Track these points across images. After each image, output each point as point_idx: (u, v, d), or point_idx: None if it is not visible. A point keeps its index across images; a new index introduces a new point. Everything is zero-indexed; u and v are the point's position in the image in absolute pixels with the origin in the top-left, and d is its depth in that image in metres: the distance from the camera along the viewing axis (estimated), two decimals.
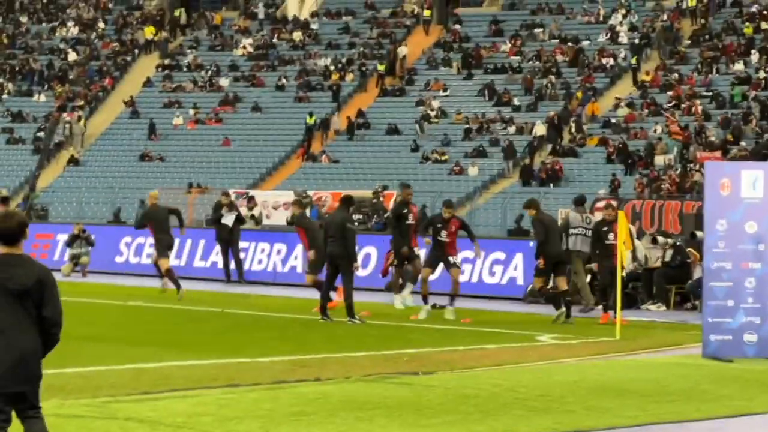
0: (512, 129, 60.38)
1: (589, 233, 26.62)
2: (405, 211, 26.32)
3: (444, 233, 25.23)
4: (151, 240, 31.73)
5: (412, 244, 26.34)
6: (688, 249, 28.65)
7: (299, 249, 33.83)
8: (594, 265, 26.19)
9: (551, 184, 54.15)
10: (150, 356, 17.58)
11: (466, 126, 61.49)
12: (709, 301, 19.45)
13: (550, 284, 25.67)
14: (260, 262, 35.61)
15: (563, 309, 24.52)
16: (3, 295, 8.80)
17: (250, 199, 46.50)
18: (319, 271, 26.97)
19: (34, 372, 8.99)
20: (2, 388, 8.80)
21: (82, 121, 67.98)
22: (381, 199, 50.33)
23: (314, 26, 74.02)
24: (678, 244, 29.71)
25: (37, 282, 8.87)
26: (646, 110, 59.27)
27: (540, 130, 58.92)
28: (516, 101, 62.78)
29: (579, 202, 29.06)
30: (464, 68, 66.92)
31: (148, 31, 75.06)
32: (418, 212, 28.17)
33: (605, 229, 25.18)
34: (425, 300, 25.24)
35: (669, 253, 29.02)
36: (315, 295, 25.08)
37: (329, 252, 24.00)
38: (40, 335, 8.95)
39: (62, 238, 38.31)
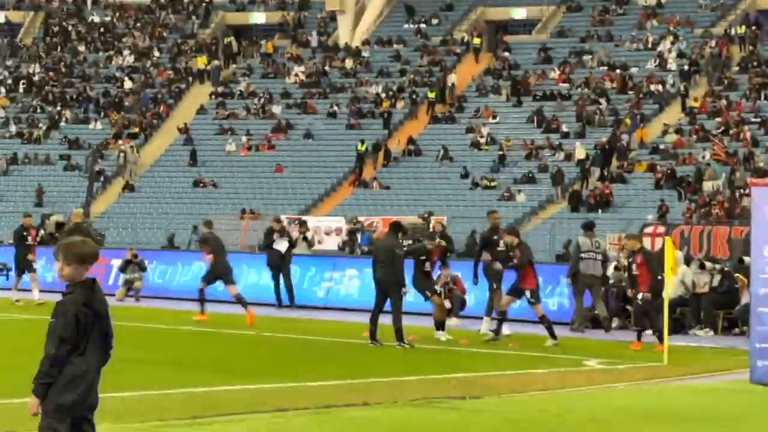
0: (561, 155, 60.24)
1: (599, 257, 27.26)
2: (495, 237, 26.17)
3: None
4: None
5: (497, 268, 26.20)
6: (736, 274, 28.42)
7: (349, 273, 33.95)
8: (629, 292, 26.06)
9: (599, 210, 53.95)
10: (200, 380, 17.56)
11: (516, 152, 61.51)
12: (757, 327, 19.32)
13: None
14: (311, 286, 35.53)
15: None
16: (96, 320, 8.88)
17: (302, 224, 46.49)
18: (209, 282, 29.63)
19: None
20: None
21: (135, 150, 68.22)
22: (430, 224, 50.27)
23: (365, 54, 74.11)
24: (726, 269, 29.50)
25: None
26: (695, 136, 59.03)
27: (581, 153, 58.86)
28: (565, 128, 62.65)
29: (588, 227, 29.08)
30: (513, 95, 66.89)
31: (201, 61, 75.33)
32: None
33: (630, 259, 25.12)
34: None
35: (717, 278, 28.83)
36: (365, 319, 25.02)
37: (378, 277, 23.93)
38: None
39: (116, 263, 38.39)
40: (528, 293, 24.97)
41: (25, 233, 33.27)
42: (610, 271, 30.13)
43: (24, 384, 11.47)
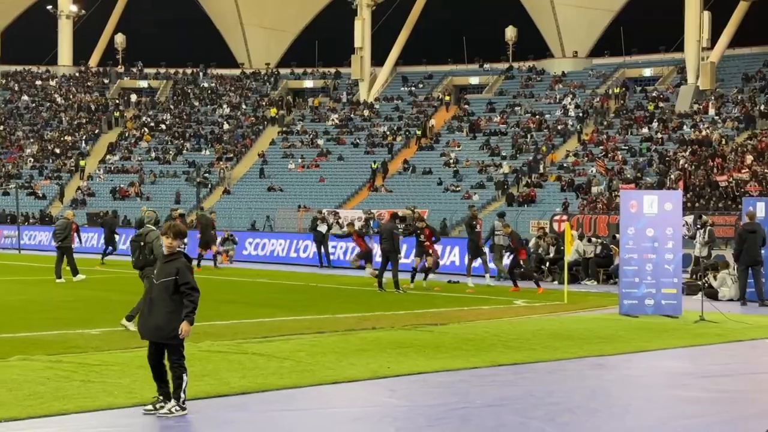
0: (501, 170, 60.22)
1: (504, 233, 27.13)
2: (474, 222, 26.38)
3: (422, 236, 25.58)
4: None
5: (480, 244, 26.36)
6: (611, 245, 28.47)
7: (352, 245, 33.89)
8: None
9: (526, 205, 53.90)
10: (268, 314, 17.64)
11: (471, 168, 61.47)
12: (623, 278, 19.45)
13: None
14: (341, 254, 35.62)
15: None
16: None
17: (336, 214, 46.54)
18: (205, 250, 31.35)
19: None
20: None
21: (230, 168, 68.34)
22: (416, 214, 50.20)
23: (377, 106, 74.08)
24: (604, 242, 29.56)
25: None
26: (586, 158, 58.92)
27: (506, 169, 59.06)
28: (503, 153, 62.60)
29: (501, 215, 29.29)
30: (471, 132, 66.84)
31: (272, 112, 75.34)
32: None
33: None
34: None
35: (599, 248, 28.89)
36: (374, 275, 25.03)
37: (383, 248, 24.02)
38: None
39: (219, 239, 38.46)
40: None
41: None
42: (532, 242, 30.17)
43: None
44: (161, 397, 9.10)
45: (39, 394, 9.68)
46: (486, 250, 27.81)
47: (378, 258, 25.71)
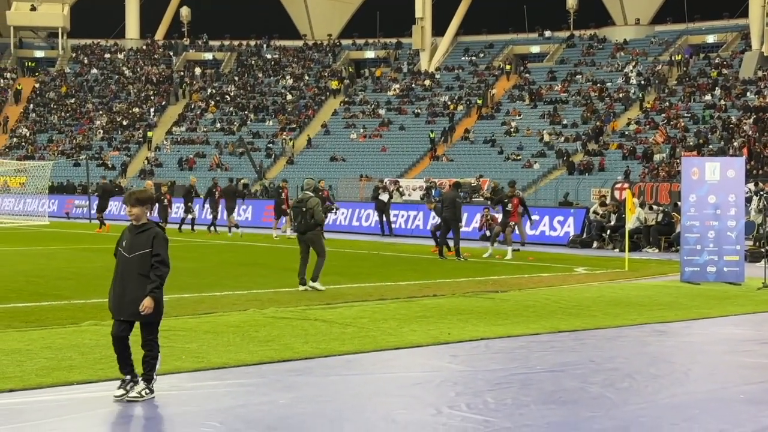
0: (562, 139, 59.66)
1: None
2: (506, 200, 26.30)
3: (510, 205, 25.41)
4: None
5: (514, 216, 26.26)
6: (673, 213, 28.12)
7: (422, 215, 33.78)
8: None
9: (587, 173, 53.38)
10: (331, 281, 17.72)
11: (532, 138, 61.00)
12: (685, 246, 19.21)
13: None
14: (402, 222, 35.66)
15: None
16: None
17: (396, 182, 46.53)
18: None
19: None
20: None
21: (292, 140, 68.64)
22: (479, 183, 50.08)
23: (437, 76, 73.77)
24: (666, 210, 29.21)
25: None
26: (648, 126, 58.12)
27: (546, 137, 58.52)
28: (564, 121, 61.98)
29: (511, 184, 28.80)
30: (531, 101, 66.25)
31: (334, 84, 75.38)
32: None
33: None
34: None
35: (660, 216, 28.56)
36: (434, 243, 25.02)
37: (444, 216, 24.00)
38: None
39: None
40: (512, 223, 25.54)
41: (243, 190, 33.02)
42: (593, 209, 29.97)
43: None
44: (129, 378, 8.27)
45: (109, 358, 9.85)
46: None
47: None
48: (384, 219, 34.65)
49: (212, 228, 33.14)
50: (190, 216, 34.22)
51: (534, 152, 58.84)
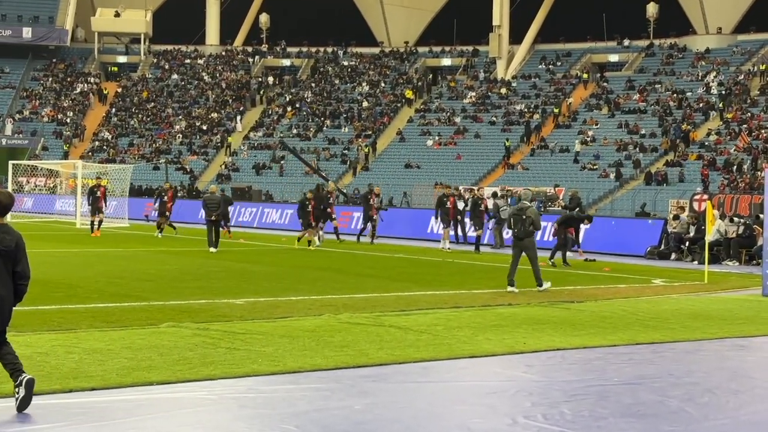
0: (639, 149, 58.88)
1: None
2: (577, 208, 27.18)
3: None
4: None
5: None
6: (754, 225, 27.57)
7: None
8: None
9: (664, 184, 52.59)
10: (405, 288, 17.75)
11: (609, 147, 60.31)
12: (767, 259, 18.79)
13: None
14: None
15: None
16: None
17: (471, 191, 46.31)
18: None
19: (6, 314, 7.73)
20: None
21: (368, 146, 68.80)
22: (555, 192, 49.71)
23: (514, 84, 73.38)
24: (747, 222, 28.63)
25: (16, 245, 7.68)
26: (728, 137, 57.07)
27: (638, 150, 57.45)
28: (642, 131, 61.18)
29: (495, 195, 30.25)
30: (609, 110, 65.51)
31: (409, 93, 75.34)
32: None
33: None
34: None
35: (741, 228, 27.99)
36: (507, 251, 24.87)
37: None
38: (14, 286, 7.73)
39: (358, 215, 38.63)
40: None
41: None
42: (676, 221, 29.56)
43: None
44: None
45: (187, 360, 10.01)
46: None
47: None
48: (459, 227, 34.47)
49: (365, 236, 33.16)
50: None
51: (611, 162, 58.16)
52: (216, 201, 28.16)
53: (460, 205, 34.99)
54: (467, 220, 33.66)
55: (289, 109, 76.82)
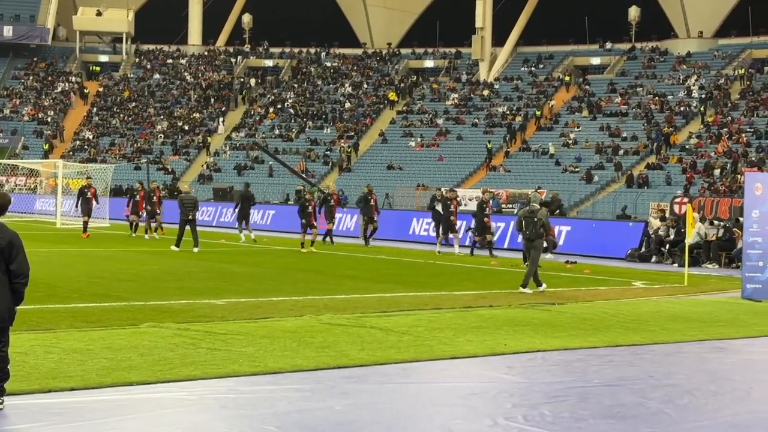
0: (621, 152, 59.07)
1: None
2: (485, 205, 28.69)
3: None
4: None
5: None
6: (734, 228, 27.71)
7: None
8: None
9: (645, 187, 52.80)
10: (387, 290, 17.74)
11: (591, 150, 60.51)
12: (747, 262, 18.92)
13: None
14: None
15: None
16: None
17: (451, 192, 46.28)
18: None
19: (3, 312, 7.70)
20: None
21: (349, 148, 68.76)
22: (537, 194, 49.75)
23: (496, 86, 73.53)
24: (727, 225, 28.78)
25: (9, 243, 7.65)
26: (709, 140, 57.36)
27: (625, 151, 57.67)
28: (624, 134, 61.40)
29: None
30: (591, 113, 65.73)
31: (392, 96, 75.33)
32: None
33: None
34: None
35: (721, 231, 28.15)
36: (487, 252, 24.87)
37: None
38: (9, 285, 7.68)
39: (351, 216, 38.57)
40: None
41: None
42: (653, 223, 29.68)
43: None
44: None
45: (168, 360, 9.97)
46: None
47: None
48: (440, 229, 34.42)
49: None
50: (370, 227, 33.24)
51: (592, 164, 58.33)
52: (192, 200, 28.16)
53: (440, 207, 34.92)
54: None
55: (271, 109, 76.71)
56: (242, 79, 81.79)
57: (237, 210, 32.99)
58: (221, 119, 76.24)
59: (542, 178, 56.84)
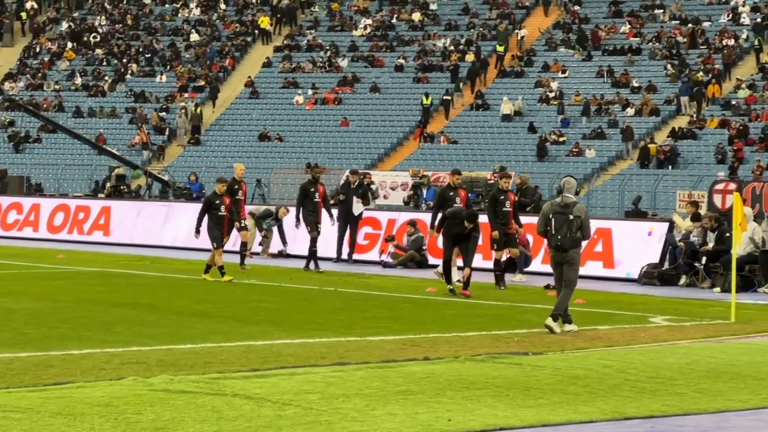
0: (631, 111, 59.83)
1: None
2: (502, 197, 26.57)
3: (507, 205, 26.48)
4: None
5: (509, 228, 26.61)
6: None
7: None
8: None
9: (669, 166, 53.58)
10: (260, 334, 17.65)
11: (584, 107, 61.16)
12: None
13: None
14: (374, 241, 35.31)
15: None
16: None
17: (365, 177, 46.33)
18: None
19: None
20: None
21: (197, 108, 68.36)
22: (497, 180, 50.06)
23: (433, 6, 73.97)
24: None
25: None
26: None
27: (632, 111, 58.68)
28: (635, 83, 62.19)
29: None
30: (583, 49, 66.46)
31: (264, 22, 75.11)
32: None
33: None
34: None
35: None
36: (428, 275, 24.95)
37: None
38: None
39: None
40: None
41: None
42: (682, 225, 30.12)
43: None
44: None
45: None
46: None
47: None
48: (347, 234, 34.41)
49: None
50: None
51: (586, 131, 58.99)
52: None
53: (358, 208, 34.89)
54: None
55: (69, 45, 76.04)
56: None
57: None
58: None
59: (507, 153, 57.38)
